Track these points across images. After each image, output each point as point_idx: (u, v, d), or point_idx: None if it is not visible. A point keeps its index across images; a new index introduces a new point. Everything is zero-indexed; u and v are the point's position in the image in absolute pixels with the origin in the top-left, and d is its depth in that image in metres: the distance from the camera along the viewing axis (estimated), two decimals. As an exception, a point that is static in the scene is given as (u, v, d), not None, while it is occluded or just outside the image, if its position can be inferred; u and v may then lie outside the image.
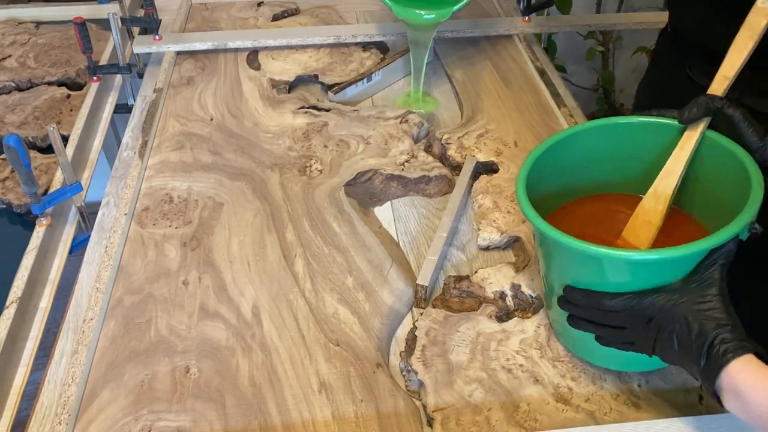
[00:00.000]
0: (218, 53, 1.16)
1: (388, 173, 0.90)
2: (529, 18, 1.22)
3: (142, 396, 0.65)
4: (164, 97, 1.05)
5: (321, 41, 1.17)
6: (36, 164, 0.94)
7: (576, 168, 0.70)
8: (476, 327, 0.70)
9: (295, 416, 0.63)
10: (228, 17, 1.29)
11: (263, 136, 0.98)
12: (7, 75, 1.12)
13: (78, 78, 1.13)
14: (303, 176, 0.90)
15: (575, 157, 0.70)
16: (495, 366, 0.67)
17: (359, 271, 0.77)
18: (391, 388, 0.65)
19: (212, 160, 0.93)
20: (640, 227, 0.65)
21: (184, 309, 0.73)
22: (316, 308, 0.73)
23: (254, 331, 0.70)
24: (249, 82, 1.09)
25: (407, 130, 0.98)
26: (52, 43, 1.21)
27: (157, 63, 1.15)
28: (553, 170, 0.69)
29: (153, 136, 0.97)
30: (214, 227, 0.83)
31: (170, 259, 0.79)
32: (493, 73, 1.12)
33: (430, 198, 0.89)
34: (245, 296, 0.74)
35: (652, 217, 0.64)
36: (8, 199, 0.89)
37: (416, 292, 0.75)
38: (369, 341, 0.69)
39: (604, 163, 0.71)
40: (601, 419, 0.62)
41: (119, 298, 0.74)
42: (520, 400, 0.64)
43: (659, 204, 0.64)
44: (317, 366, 0.67)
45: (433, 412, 0.63)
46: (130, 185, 0.87)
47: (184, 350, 0.69)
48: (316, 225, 0.83)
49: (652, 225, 0.64)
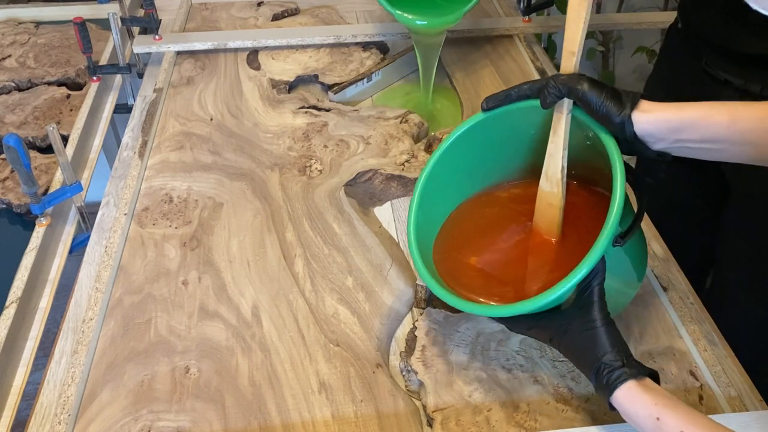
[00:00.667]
0: (218, 53, 1.16)
1: (388, 173, 0.90)
2: (529, 18, 1.22)
3: (142, 396, 0.65)
4: (164, 97, 1.05)
5: (321, 41, 1.17)
6: (36, 164, 0.94)
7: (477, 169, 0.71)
8: (476, 327, 0.70)
9: (294, 416, 0.63)
10: (228, 17, 1.28)
11: (263, 136, 0.98)
12: (7, 75, 1.12)
13: (78, 78, 1.13)
14: (303, 176, 0.90)
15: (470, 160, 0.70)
16: (495, 366, 0.66)
17: (359, 271, 0.77)
18: (391, 388, 0.65)
19: (212, 160, 0.93)
20: (545, 210, 0.66)
21: (184, 309, 0.73)
22: (316, 308, 0.73)
23: (254, 332, 0.70)
24: (249, 82, 1.09)
25: (407, 130, 0.98)
26: (51, 43, 1.21)
27: (157, 63, 1.15)
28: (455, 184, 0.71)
29: (153, 136, 0.97)
30: (213, 227, 0.83)
31: (170, 259, 0.78)
32: (493, 73, 1.12)
33: (430, 198, 0.89)
34: (245, 296, 0.74)
35: (552, 199, 0.64)
36: (8, 199, 0.89)
37: (416, 292, 0.75)
38: (369, 341, 0.69)
39: (503, 153, 0.70)
40: (601, 419, 0.62)
41: (119, 298, 0.74)
42: (520, 401, 0.64)
43: (553, 186, 0.64)
44: (317, 366, 0.67)
45: (432, 412, 0.62)
46: (130, 185, 0.87)
47: (184, 350, 0.69)
48: (316, 225, 0.83)
49: (554, 206, 0.64)
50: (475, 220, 0.71)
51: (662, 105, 0.58)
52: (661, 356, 0.68)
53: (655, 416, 0.51)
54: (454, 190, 0.72)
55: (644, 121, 0.57)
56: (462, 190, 0.73)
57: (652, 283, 0.76)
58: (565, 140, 0.62)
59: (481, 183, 0.73)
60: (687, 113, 0.56)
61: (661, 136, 0.57)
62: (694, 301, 0.75)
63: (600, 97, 0.58)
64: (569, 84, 0.59)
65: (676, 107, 0.57)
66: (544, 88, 0.60)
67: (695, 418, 0.50)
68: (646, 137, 0.58)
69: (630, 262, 0.65)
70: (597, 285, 0.56)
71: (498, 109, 0.65)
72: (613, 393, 0.54)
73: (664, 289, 0.75)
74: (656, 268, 0.78)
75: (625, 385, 0.53)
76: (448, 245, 0.69)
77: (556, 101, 0.60)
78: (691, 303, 0.74)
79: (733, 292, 0.94)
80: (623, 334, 0.70)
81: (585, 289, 0.56)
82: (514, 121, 0.66)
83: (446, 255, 0.68)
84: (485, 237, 0.70)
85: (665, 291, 0.75)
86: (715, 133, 0.56)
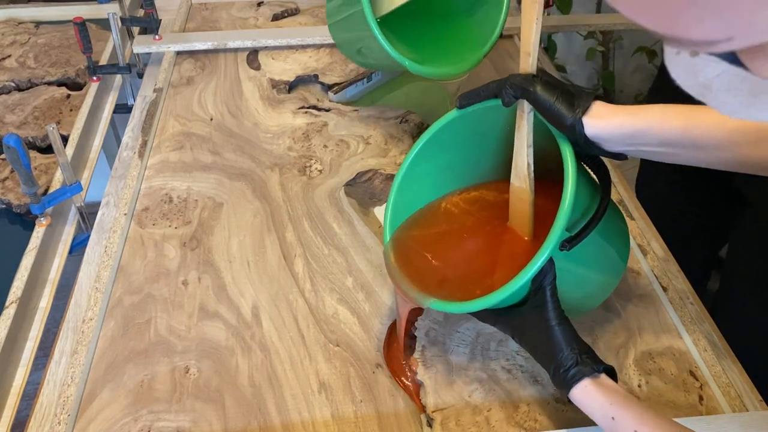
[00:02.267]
0: (218, 53, 1.16)
1: (388, 173, 0.90)
2: (529, 18, 1.21)
3: (142, 396, 0.65)
4: (164, 97, 1.05)
5: (321, 41, 1.17)
6: (36, 164, 0.94)
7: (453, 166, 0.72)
8: (476, 327, 0.70)
9: (294, 416, 0.63)
10: (228, 17, 1.29)
11: (263, 136, 0.98)
12: (7, 75, 1.12)
13: (78, 78, 1.13)
14: (303, 176, 0.90)
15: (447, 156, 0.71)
16: (495, 366, 0.66)
17: (359, 271, 0.77)
18: (391, 388, 0.65)
19: (212, 160, 0.93)
20: (516, 205, 0.66)
21: (184, 309, 0.73)
22: (315, 308, 0.73)
23: (254, 332, 0.70)
24: (249, 82, 1.09)
25: (407, 130, 0.98)
26: (51, 43, 1.21)
27: (157, 63, 1.15)
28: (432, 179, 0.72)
29: (153, 136, 0.97)
30: (213, 227, 0.83)
31: (170, 259, 0.78)
32: (494, 73, 1.12)
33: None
34: (245, 296, 0.74)
35: (522, 195, 0.65)
36: (8, 199, 0.88)
37: (416, 292, 0.74)
38: (369, 341, 0.69)
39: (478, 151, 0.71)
40: (601, 419, 0.62)
41: (119, 298, 0.74)
42: (520, 401, 0.64)
43: (522, 183, 0.64)
44: (317, 366, 0.67)
45: (432, 413, 0.62)
46: (130, 185, 0.87)
47: (184, 350, 0.69)
48: (316, 225, 0.83)
49: (524, 201, 0.65)
50: (446, 217, 0.72)
51: (616, 109, 0.56)
52: (661, 356, 0.68)
53: (611, 416, 0.52)
54: (430, 184, 0.72)
55: (595, 126, 0.56)
56: (438, 187, 0.73)
57: (652, 283, 0.76)
58: (529, 137, 0.62)
59: (457, 181, 0.74)
60: (641, 119, 0.55)
61: (614, 140, 0.57)
62: (694, 301, 0.75)
63: (551, 99, 0.57)
64: (522, 85, 0.59)
65: (630, 112, 0.56)
66: (502, 89, 0.60)
67: (649, 417, 0.51)
68: (598, 141, 0.57)
69: (609, 247, 0.65)
70: (548, 285, 0.56)
71: (470, 107, 0.65)
72: (570, 391, 0.55)
73: (664, 289, 0.75)
74: (656, 268, 0.78)
75: (580, 383, 0.54)
76: (412, 238, 0.70)
77: (513, 101, 0.60)
78: (691, 303, 0.74)
79: (741, 301, 0.93)
80: (624, 334, 0.70)
81: (537, 290, 0.56)
82: (488, 119, 0.67)
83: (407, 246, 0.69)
84: (452, 235, 0.70)
85: (665, 291, 0.75)
86: (669, 139, 0.55)
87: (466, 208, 0.72)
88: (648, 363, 0.67)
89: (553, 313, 0.56)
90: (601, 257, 0.65)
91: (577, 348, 0.55)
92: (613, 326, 0.71)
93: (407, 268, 0.66)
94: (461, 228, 0.70)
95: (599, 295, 0.68)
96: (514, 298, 0.58)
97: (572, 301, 0.60)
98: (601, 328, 0.70)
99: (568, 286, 0.58)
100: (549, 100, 0.57)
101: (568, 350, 0.55)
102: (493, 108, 0.63)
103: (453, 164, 0.72)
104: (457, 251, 0.69)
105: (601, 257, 0.65)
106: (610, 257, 0.66)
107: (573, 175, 0.56)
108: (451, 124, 0.68)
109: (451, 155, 0.71)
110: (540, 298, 0.56)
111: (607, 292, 0.69)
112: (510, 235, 0.68)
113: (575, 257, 0.58)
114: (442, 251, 0.68)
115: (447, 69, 0.86)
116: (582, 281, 0.64)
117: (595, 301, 0.69)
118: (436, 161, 0.70)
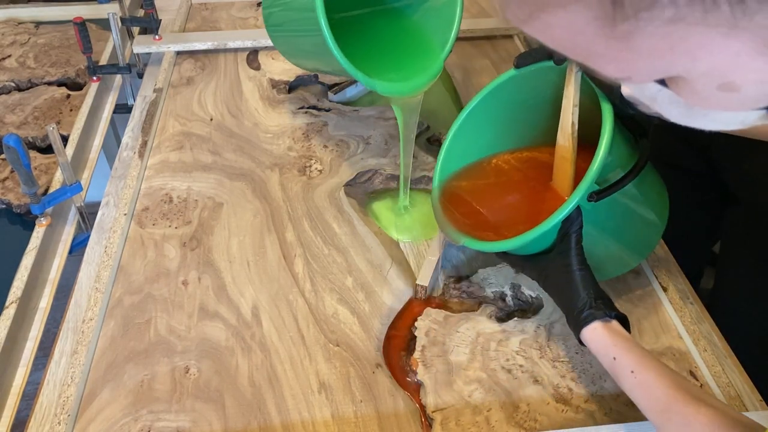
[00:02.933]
0: (218, 53, 1.16)
1: (388, 173, 0.90)
2: (529, 18, 1.21)
3: (142, 396, 0.65)
4: (164, 97, 1.05)
5: (321, 41, 1.17)
6: (36, 164, 0.94)
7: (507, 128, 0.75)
8: (476, 327, 0.70)
9: (294, 416, 0.63)
10: (228, 17, 1.28)
11: (263, 136, 0.98)
12: (7, 75, 1.12)
13: (78, 78, 1.13)
14: (303, 176, 0.90)
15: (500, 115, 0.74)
16: (495, 366, 0.66)
17: (359, 271, 0.77)
18: (391, 388, 0.65)
19: (212, 160, 0.93)
20: (560, 164, 0.69)
21: (184, 309, 0.73)
22: (315, 308, 0.73)
23: (254, 332, 0.70)
24: (249, 82, 1.09)
25: (407, 130, 0.98)
26: (51, 43, 1.21)
27: (157, 63, 1.15)
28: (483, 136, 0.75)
29: (153, 136, 0.97)
30: (213, 227, 0.83)
31: (170, 259, 0.78)
32: (493, 73, 1.12)
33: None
34: (245, 296, 0.74)
35: (565, 153, 0.67)
36: (8, 199, 0.88)
37: (416, 292, 0.74)
38: (369, 341, 0.69)
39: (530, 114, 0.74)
40: (601, 419, 0.62)
41: (119, 298, 0.74)
42: (520, 401, 0.64)
43: (566, 141, 0.67)
44: (317, 366, 0.67)
45: (432, 413, 0.62)
46: (130, 185, 0.87)
47: (184, 350, 0.69)
48: (316, 225, 0.83)
49: (567, 160, 0.67)
50: (495, 172, 0.76)
51: None
52: (661, 356, 0.68)
53: (612, 356, 0.57)
54: (483, 141, 0.76)
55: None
56: (491, 144, 0.76)
57: (652, 283, 0.76)
58: (576, 97, 0.64)
59: (511, 141, 0.76)
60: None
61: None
62: (694, 301, 0.75)
63: None
64: None
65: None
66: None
67: (647, 360, 0.55)
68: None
69: (640, 215, 0.69)
70: (574, 233, 0.61)
71: (528, 67, 0.68)
72: (580, 331, 0.59)
73: (664, 289, 0.75)
74: (656, 268, 0.78)
75: (591, 325, 0.59)
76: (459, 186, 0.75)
77: (564, 60, 0.63)
78: (691, 303, 0.74)
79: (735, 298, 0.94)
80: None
81: (564, 236, 0.61)
82: (542, 80, 0.69)
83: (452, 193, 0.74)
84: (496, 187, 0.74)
85: (665, 291, 0.75)
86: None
87: (516, 166, 0.76)
88: (648, 363, 0.67)
89: (576, 259, 0.61)
90: (629, 222, 0.68)
91: (593, 293, 0.60)
92: (613, 326, 0.71)
93: (449, 211, 0.72)
94: (507, 182, 0.74)
95: (623, 260, 0.71)
96: (542, 242, 0.63)
97: (594, 258, 0.63)
98: (601, 328, 0.70)
99: (591, 240, 0.62)
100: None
101: (585, 294, 0.60)
102: (547, 69, 0.66)
103: (507, 123, 0.75)
104: (498, 201, 0.73)
105: (629, 222, 0.68)
106: (639, 225, 0.69)
107: (609, 132, 0.59)
108: (507, 84, 0.71)
109: (506, 114, 0.74)
110: (565, 244, 0.61)
111: (631, 261, 0.72)
112: (551, 193, 0.70)
113: (602, 213, 0.62)
114: (485, 199, 0.73)
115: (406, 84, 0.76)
116: (606, 239, 0.67)
117: (617, 265, 0.72)
118: (490, 118, 0.74)
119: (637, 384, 0.55)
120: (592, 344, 0.59)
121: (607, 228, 0.66)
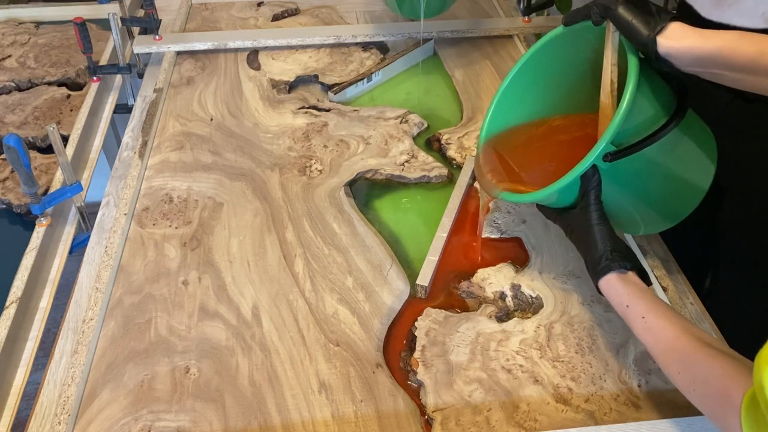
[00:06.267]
0: (218, 53, 1.16)
1: (388, 173, 0.90)
2: (529, 18, 1.22)
3: (142, 396, 0.65)
4: (164, 97, 1.05)
5: (321, 41, 1.17)
6: (36, 164, 0.94)
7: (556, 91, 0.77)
8: (476, 327, 0.70)
9: (294, 416, 0.63)
10: (228, 17, 1.29)
11: (263, 136, 0.98)
12: (7, 75, 1.12)
13: (78, 78, 1.13)
14: (303, 176, 0.90)
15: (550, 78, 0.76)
16: (495, 366, 0.67)
17: (359, 271, 0.77)
18: (391, 388, 0.65)
19: (212, 160, 0.93)
20: (603, 122, 0.70)
21: (184, 309, 0.73)
22: (316, 308, 0.73)
23: (254, 331, 0.70)
24: (249, 82, 1.09)
25: (407, 130, 0.98)
26: (52, 43, 1.21)
27: (157, 63, 1.15)
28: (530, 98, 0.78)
29: (153, 136, 0.97)
30: (214, 227, 0.83)
31: (170, 259, 0.78)
32: (493, 73, 1.12)
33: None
34: (245, 296, 0.74)
35: (607, 111, 0.69)
36: (8, 199, 0.89)
37: (416, 292, 0.75)
38: (369, 341, 0.69)
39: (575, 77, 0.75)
40: (601, 419, 0.62)
41: (119, 298, 0.74)
42: (520, 401, 0.64)
43: (607, 98, 0.68)
44: (317, 366, 0.67)
45: (432, 413, 0.63)
46: (130, 185, 0.87)
47: (184, 350, 0.69)
48: (316, 225, 0.83)
49: (608, 117, 0.68)
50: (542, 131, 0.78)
51: (691, 31, 0.60)
52: (661, 356, 0.68)
53: (626, 304, 0.60)
54: (528, 102, 0.78)
55: (667, 46, 0.61)
56: (534, 108, 0.78)
57: (652, 283, 0.76)
58: (614, 56, 0.66)
59: (560, 107, 0.78)
60: (712, 43, 0.59)
61: (684, 61, 0.61)
62: (694, 301, 0.75)
63: (630, 17, 0.62)
64: (605, 3, 0.64)
65: (703, 36, 0.60)
66: (591, 9, 0.66)
67: (658, 307, 0.58)
68: (670, 60, 0.61)
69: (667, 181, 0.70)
70: (592, 190, 0.64)
71: (576, 25, 0.69)
72: (598, 281, 0.63)
73: (664, 289, 0.75)
74: (656, 268, 0.78)
75: (607, 276, 0.62)
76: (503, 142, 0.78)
77: (601, 21, 0.66)
78: (691, 303, 0.74)
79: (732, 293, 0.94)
80: (624, 334, 0.70)
81: (584, 193, 0.65)
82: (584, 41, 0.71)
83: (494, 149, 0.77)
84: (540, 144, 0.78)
85: (665, 291, 0.75)
86: (740, 64, 0.58)
87: (565, 125, 0.78)
88: (648, 363, 0.67)
89: (594, 215, 0.64)
90: (657, 183, 0.69)
91: (611, 245, 0.63)
92: (613, 326, 0.71)
93: (489, 166, 0.76)
94: (551, 142, 0.77)
95: (645, 221, 0.73)
96: (567, 196, 0.67)
97: (623, 213, 0.67)
98: (601, 328, 0.70)
99: (612, 198, 0.65)
100: (627, 19, 0.63)
101: (603, 246, 0.63)
102: (587, 29, 0.68)
103: (553, 88, 0.77)
104: (538, 158, 0.76)
105: (657, 183, 0.69)
106: (671, 186, 0.70)
107: (632, 89, 0.61)
108: (552, 44, 0.73)
109: (551, 79, 0.76)
110: (585, 200, 0.65)
111: (654, 225, 0.74)
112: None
113: (619, 173, 0.64)
114: (528, 161, 0.76)
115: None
116: (629, 198, 0.69)
117: (639, 225, 0.74)
118: (537, 81, 0.76)
119: (647, 328, 0.57)
120: (607, 293, 0.62)
121: (629, 187, 0.67)
